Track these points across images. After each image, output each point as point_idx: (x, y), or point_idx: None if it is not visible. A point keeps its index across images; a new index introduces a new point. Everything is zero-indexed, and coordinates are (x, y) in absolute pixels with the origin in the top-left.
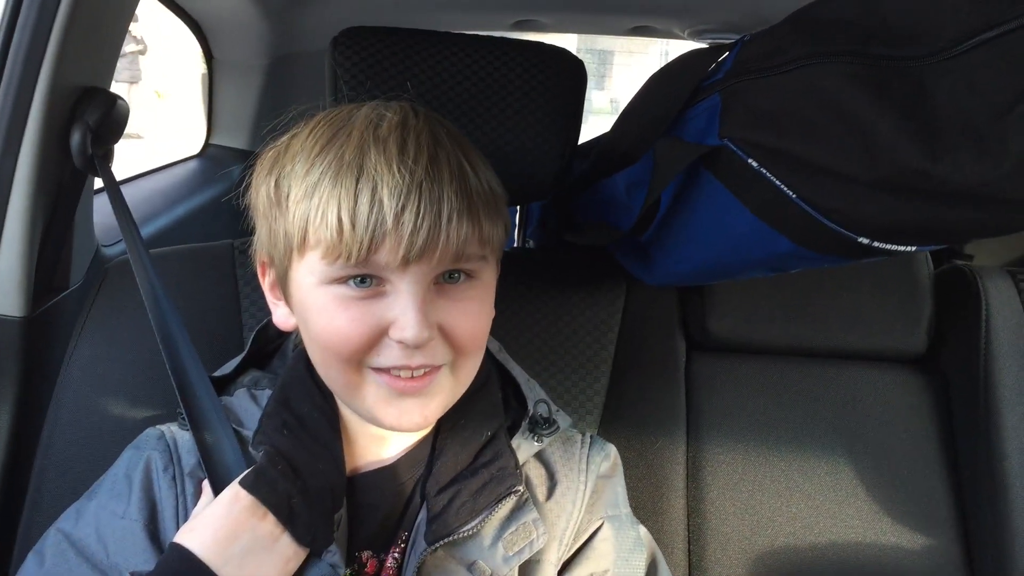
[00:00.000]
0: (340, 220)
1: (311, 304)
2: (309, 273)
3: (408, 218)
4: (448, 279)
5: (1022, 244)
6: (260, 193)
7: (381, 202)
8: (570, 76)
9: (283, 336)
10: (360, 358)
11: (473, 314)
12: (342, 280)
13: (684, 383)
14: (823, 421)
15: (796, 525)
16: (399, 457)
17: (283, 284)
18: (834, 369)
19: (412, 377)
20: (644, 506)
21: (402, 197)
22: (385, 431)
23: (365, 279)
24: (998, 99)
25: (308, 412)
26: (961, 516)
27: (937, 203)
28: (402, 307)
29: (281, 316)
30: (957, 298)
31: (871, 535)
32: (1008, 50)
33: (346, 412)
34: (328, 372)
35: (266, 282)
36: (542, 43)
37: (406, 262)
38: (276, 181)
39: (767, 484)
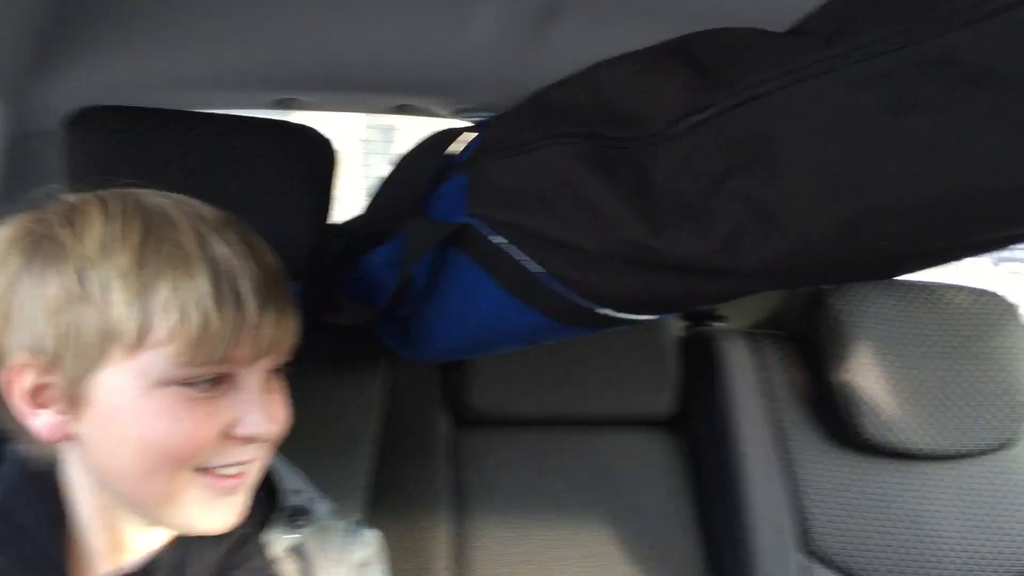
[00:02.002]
0: (205, 316)
1: (140, 408)
2: (140, 375)
3: (269, 313)
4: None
5: (770, 305)
6: (42, 291)
7: (241, 296)
8: (318, 153)
9: None
10: (194, 462)
11: (287, 403)
12: (189, 380)
13: (451, 460)
14: (584, 488)
15: None
16: (143, 565)
17: (73, 389)
18: (592, 436)
19: (234, 474)
20: None
21: (260, 290)
22: (127, 538)
23: (217, 377)
24: (706, 179)
25: (30, 524)
26: (713, 571)
27: (666, 275)
28: (253, 402)
29: (46, 425)
30: (700, 360)
31: None
32: (713, 133)
33: (83, 521)
34: (146, 482)
35: (22, 388)
36: (287, 121)
37: (257, 357)
38: (77, 276)
39: (533, 555)
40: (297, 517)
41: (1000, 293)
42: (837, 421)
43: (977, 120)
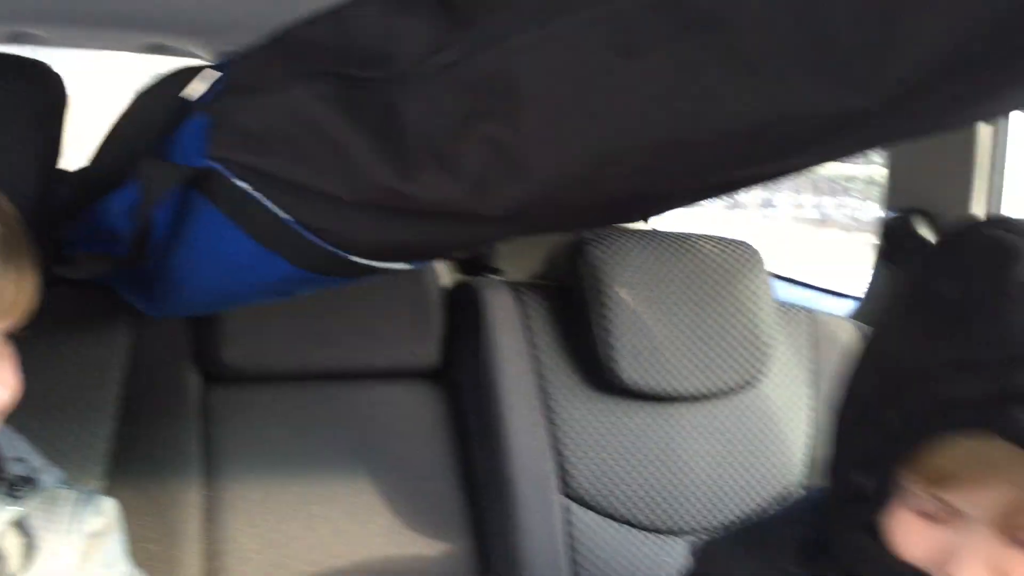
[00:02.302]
0: None
1: None
2: None
3: (9, 271)
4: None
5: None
6: None
7: None
8: (46, 91)
9: None
10: None
11: (17, 368)
12: None
13: (202, 419)
14: (344, 444)
15: (319, 553)
16: None
17: None
18: (353, 390)
19: None
20: (156, 556)
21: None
22: None
23: None
24: (453, 121)
25: None
26: (477, 519)
27: (417, 221)
28: None
29: None
30: (464, 312)
31: (393, 549)
32: (458, 74)
33: None
34: None
35: None
36: (11, 54)
37: None
38: None
39: (290, 516)
40: (18, 487)
41: (748, 242)
42: (595, 367)
43: (699, 63)
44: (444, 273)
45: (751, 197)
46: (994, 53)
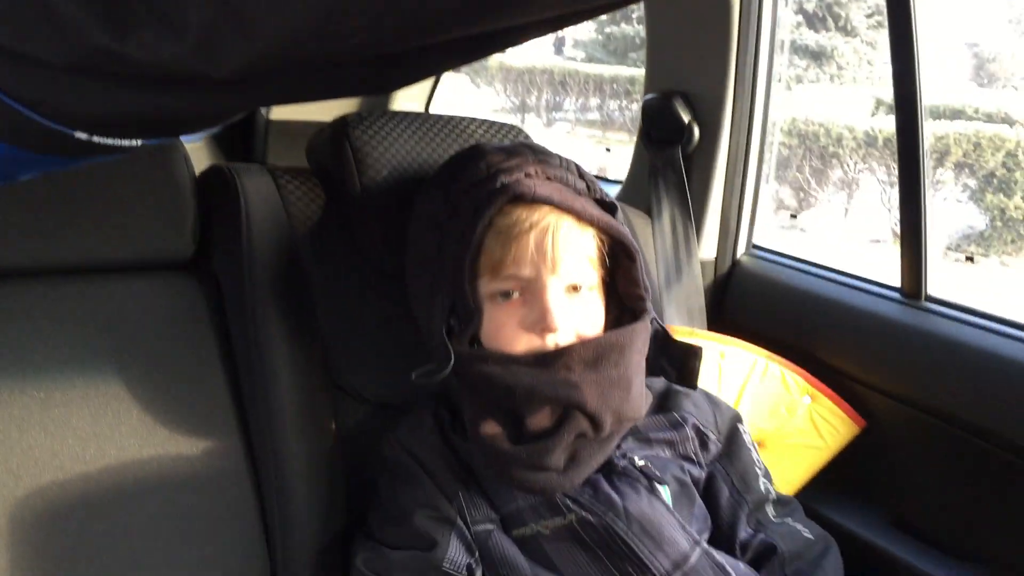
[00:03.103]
0: None
1: None
2: None
3: None
4: None
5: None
6: None
7: None
8: None
9: None
10: None
11: None
12: None
13: None
14: (89, 343)
15: (64, 459)
16: None
17: None
18: (97, 285)
19: None
20: None
21: None
22: None
23: None
24: None
25: None
26: (240, 413)
27: (136, 86)
28: None
29: None
30: (220, 199)
31: (150, 450)
32: None
33: None
34: None
35: None
36: None
37: None
38: None
39: (28, 422)
40: None
41: (517, 126)
42: (357, 252)
43: None
44: (201, 160)
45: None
46: None
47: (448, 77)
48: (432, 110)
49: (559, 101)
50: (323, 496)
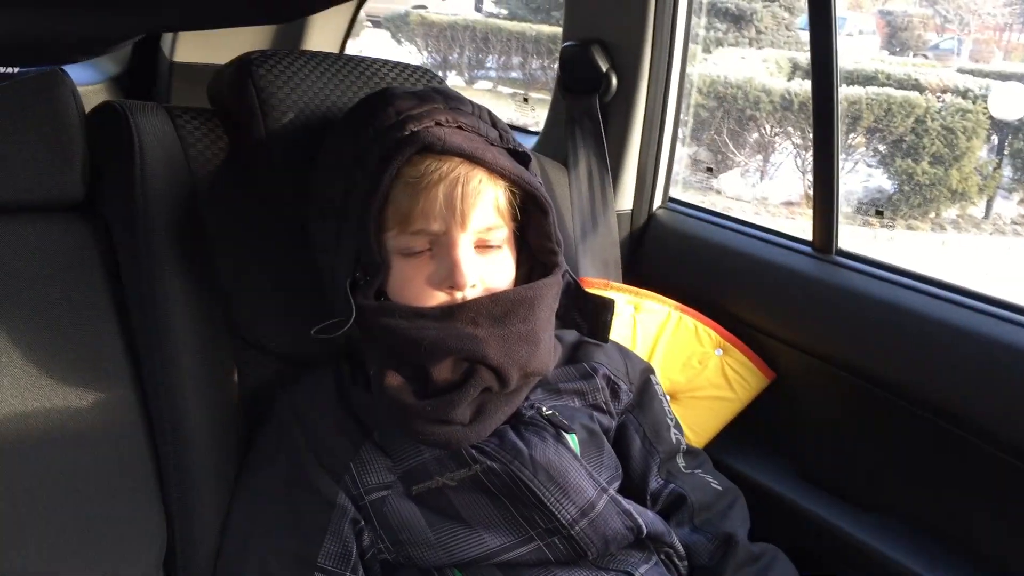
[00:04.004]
0: None
1: None
2: None
3: None
4: None
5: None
6: None
7: None
8: None
9: None
10: None
11: None
12: None
13: None
14: None
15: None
16: None
17: None
18: None
19: None
20: None
21: None
22: None
23: None
24: None
25: None
26: (134, 360)
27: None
28: None
29: None
30: (111, 138)
31: (35, 403)
32: None
33: None
34: None
35: None
36: None
37: None
38: None
39: None
40: None
41: (427, 68)
42: (256, 191)
43: None
44: (93, 98)
45: (462, 58)
46: None
47: (369, 32)
48: None
49: (481, 59)
50: (221, 450)
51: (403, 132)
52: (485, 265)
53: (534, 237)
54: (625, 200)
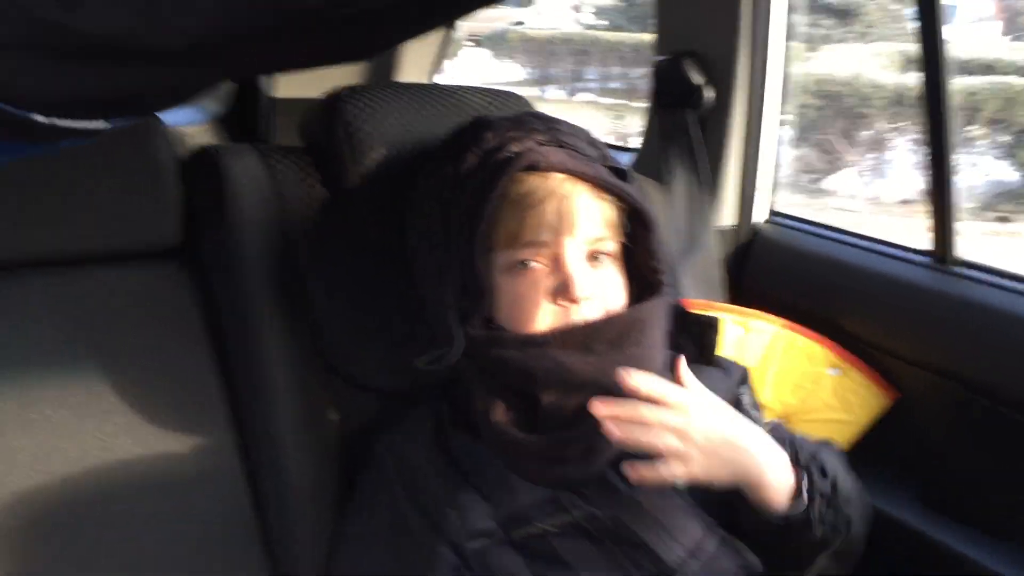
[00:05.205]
0: None
1: None
2: None
3: None
4: None
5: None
6: None
7: None
8: None
9: None
10: None
11: None
12: None
13: None
14: (72, 338)
15: (52, 461)
16: None
17: None
18: (78, 277)
19: None
20: None
21: None
22: None
23: None
24: None
25: None
26: (234, 409)
27: (85, 61)
28: None
29: None
30: (205, 183)
31: (137, 449)
32: None
33: None
34: None
35: None
36: None
37: None
38: None
39: (8, 425)
40: None
41: (518, 93)
42: (349, 227)
43: None
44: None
45: (562, 71)
46: None
47: (468, 51)
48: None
49: (581, 71)
50: (324, 493)
51: (505, 153)
52: (599, 279)
53: (639, 256)
54: (727, 216)
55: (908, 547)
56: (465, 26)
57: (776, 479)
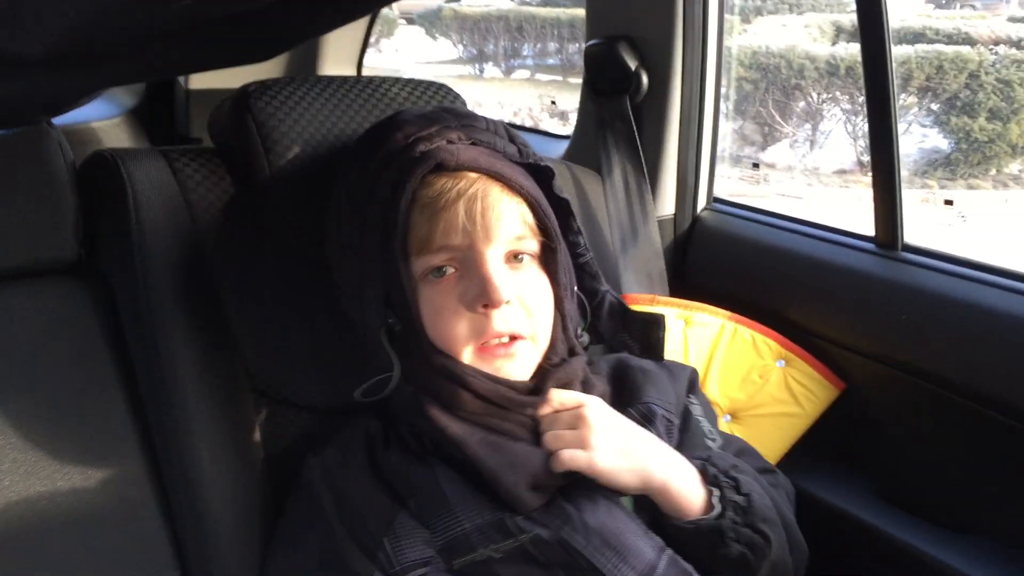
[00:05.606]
0: None
1: None
2: None
3: None
4: None
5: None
6: None
7: None
8: None
9: None
10: None
11: None
12: None
13: None
14: None
15: None
16: None
17: None
18: None
19: None
20: None
21: None
22: None
23: None
24: None
25: None
26: (144, 429)
27: None
28: None
29: None
30: (104, 191)
31: (39, 486)
32: None
33: None
34: None
35: None
36: None
37: None
38: None
39: None
40: None
41: (445, 84)
42: (264, 233)
43: None
44: (120, 138)
45: (498, 49)
46: None
47: (403, 29)
48: (386, 63)
49: (517, 48)
50: (248, 523)
51: (412, 153)
52: (519, 280)
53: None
54: (666, 205)
55: (863, 541)
56: (400, 4)
57: (683, 488)
